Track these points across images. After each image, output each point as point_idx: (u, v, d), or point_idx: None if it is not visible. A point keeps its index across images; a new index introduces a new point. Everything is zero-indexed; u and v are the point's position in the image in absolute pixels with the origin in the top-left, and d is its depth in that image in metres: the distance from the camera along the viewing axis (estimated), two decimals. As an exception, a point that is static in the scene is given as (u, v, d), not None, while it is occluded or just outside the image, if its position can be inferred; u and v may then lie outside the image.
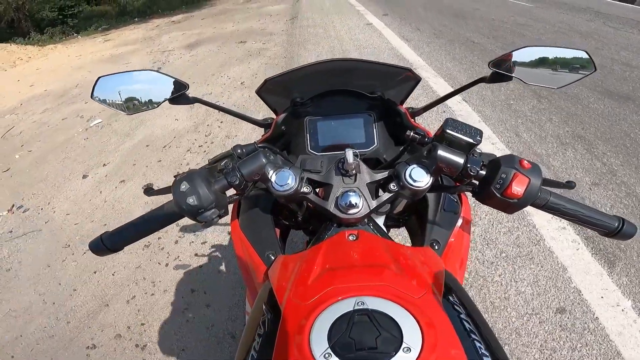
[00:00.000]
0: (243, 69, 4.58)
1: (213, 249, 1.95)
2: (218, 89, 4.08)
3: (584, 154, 2.36)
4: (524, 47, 0.78)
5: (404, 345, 0.35)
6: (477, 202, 0.58)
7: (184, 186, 0.51)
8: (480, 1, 8.63)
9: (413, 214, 0.77)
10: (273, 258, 0.63)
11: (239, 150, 0.63)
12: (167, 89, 0.76)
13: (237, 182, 0.55)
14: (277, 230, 0.73)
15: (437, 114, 2.86)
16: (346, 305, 0.39)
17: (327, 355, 0.34)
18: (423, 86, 3.46)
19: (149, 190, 0.68)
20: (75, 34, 10.75)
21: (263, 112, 3.14)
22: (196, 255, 1.92)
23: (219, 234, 2.03)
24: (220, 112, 0.84)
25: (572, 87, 3.29)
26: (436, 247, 0.64)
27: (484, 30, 5.65)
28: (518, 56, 0.77)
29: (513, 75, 0.76)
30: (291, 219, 0.79)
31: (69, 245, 2.17)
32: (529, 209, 0.55)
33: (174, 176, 0.55)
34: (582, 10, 7.70)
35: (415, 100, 3.14)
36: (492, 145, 2.51)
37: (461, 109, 2.98)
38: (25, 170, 3.09)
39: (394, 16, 6.86)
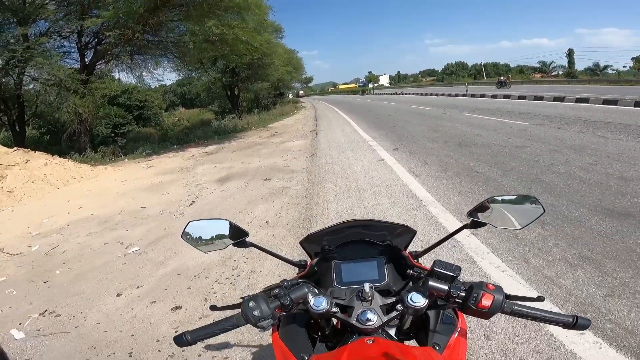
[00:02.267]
0: (268, 208, 4.87)
1: (235, 365, 1.98)
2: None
3: (594, 272, 2.45)
4: (492, 197, 0.98)
5: None
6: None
7: (251, 303, 0.76)
8: (481, 127, 9.38)
9: (421, 329, 0.95)
10: (307, 358, 0.82)
11: (285, 283, 0.87)
12: (233, 235, 1.02)
13: (287, 303, 0.80)
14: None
15: (450, 247, 3.03)
16: None
17: None
18: (434, 223, 3.61)
19: (214, 307, 0.94)
20: (123, 157, 12.08)
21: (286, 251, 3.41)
22: (218, 370, 1.95)
23: (241, 352, 2.08)
24: (268, 254, 1.10)
25: (574, 211, 3.51)
26: (437, 348, 0.82)
27: (485, 157, 6.10)
28: (488, 205, 0.95)
29: (486, 221, 0.95)
30: (319, 334, 0.98)
31: (95, 348, 2.24)
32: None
33: (241, 298, 0.80)
34: (571, 122, 8.30)
35: (433, 233, 3.43)
36: (502, 272, 2.56)
37: (470, 242, 3.08)
38: (62, 284, 3.31)
39: (403, 150, 7.50)
